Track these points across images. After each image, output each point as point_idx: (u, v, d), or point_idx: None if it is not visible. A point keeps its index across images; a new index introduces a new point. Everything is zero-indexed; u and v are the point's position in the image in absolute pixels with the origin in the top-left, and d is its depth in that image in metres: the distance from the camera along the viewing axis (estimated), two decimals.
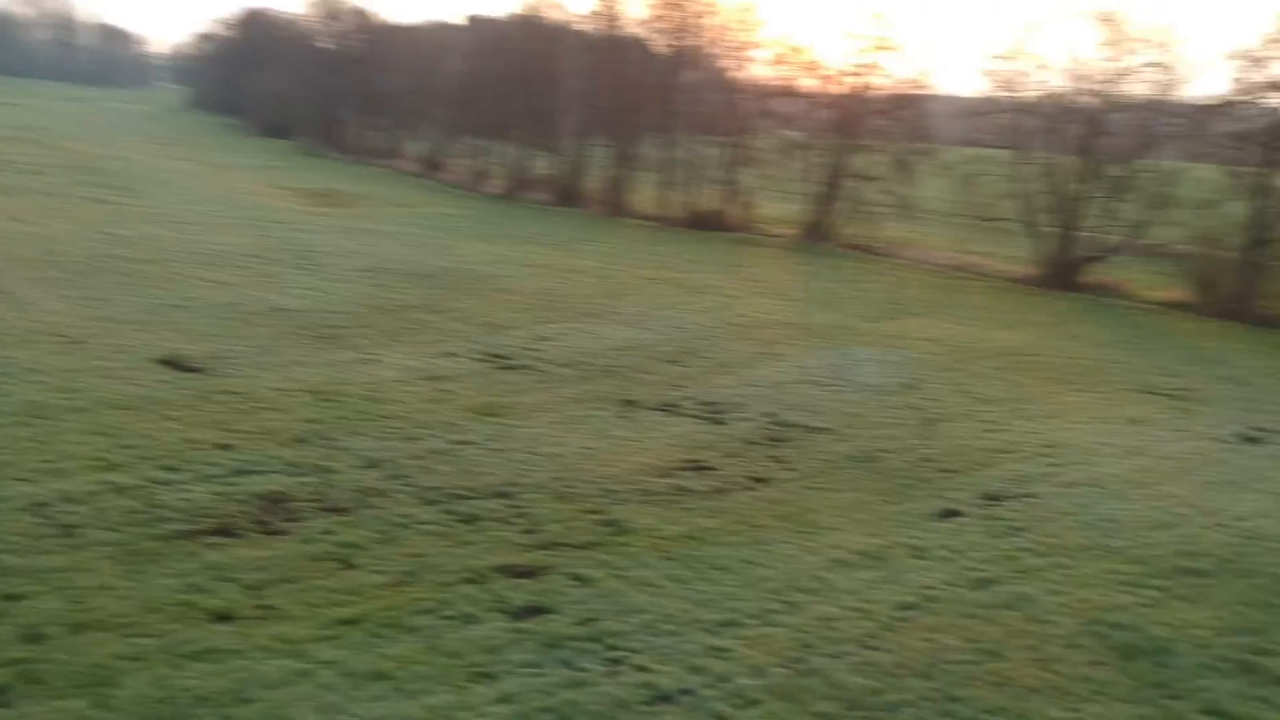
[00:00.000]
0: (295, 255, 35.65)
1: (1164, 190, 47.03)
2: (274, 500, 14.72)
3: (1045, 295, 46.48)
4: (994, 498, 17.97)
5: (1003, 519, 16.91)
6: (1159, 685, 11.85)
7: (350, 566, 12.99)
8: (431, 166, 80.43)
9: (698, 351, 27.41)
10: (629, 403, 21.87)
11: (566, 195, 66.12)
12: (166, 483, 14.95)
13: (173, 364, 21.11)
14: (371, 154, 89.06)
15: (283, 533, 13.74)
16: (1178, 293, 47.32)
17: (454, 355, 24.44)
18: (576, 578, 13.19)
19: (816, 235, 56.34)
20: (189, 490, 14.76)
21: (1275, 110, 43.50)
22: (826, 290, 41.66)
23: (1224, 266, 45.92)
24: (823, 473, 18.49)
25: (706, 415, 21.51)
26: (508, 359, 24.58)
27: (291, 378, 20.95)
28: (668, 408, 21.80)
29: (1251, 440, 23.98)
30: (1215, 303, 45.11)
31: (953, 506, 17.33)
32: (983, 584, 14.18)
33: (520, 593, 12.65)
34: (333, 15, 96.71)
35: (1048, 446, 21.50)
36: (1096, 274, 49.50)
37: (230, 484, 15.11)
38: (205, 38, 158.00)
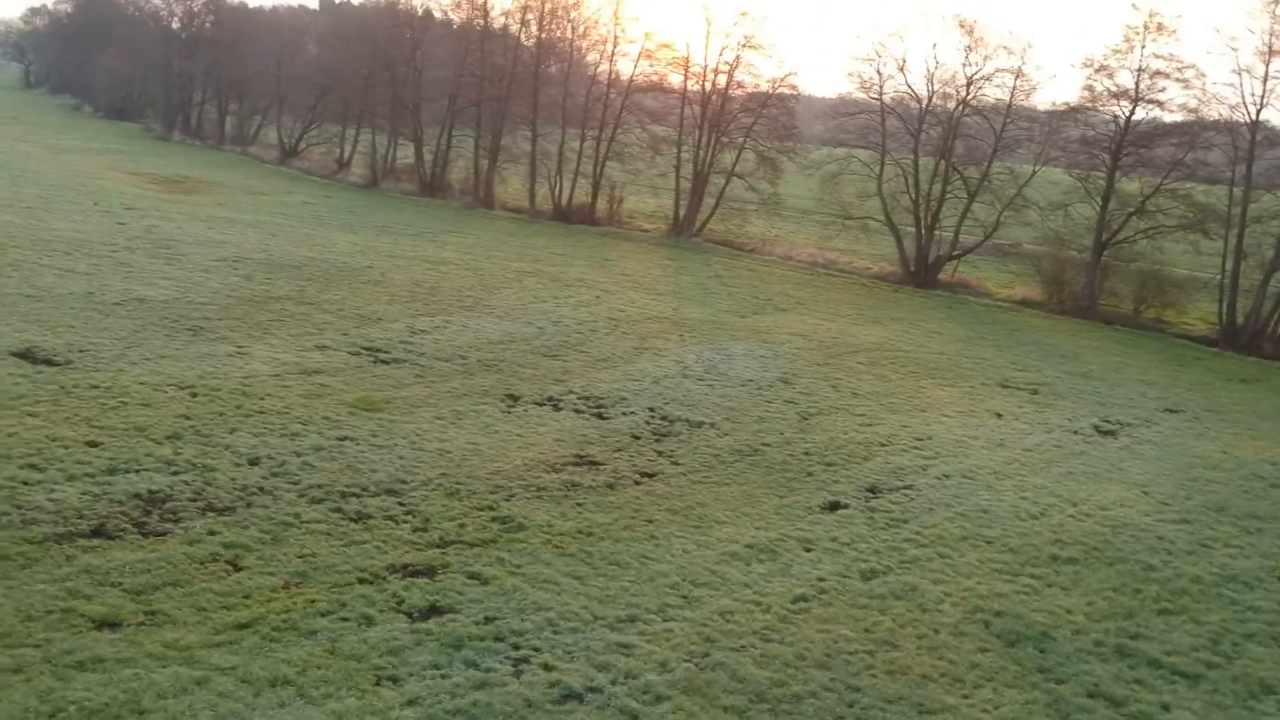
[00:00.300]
0: (153, 243, 34.21)
1: (1017, 192, 49.05)
2: (152, 500, 14.11)
3: (905, 292, 47.92)
4: (875, 490, 18.45)
5: (884, 511, 17.37)
6: (1043, 670, 12.35)
7: (239, 568, 12.54)
8: (288, 154, 78.21)
9: (576, 346, 27.35)
10: (512, 397, 21.70)
11: (431, 186, 65.15)
12: (33, 483, 14.16)
13: (29, 357, 20.02)
14: (225, 139, 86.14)
15: (164, 534, 13.18)
16: (1029, 290, 49.41)
17: (328, 348, 23.82)
18: (474, 576, 13.02)
19: (684, 230, 56.83)
20: (58, 490, 14.02)
21: (1119, 117, 45.71)
22: (696, 285, 42.10)
23: (1072, 266, 48.13)
24: (709, 467, 18.67)
25: (590, 410, 21.49)
26: (384, 352, 24.10)
27: (160, 372, 20.10)
28: (551, 402, 21.70)
29: (1105, 433, 25.18)
30: (1063, 300, 47.25)
31: (837, 499, 17.72)
32: (871, 575, 14.54)
33: (418, 592, 12.41)
34: None
35: (920, 440, 22.17)
36: (953, 272, 51.31)
37: (103, 483, 14.41)
38: (38, 12, 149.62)
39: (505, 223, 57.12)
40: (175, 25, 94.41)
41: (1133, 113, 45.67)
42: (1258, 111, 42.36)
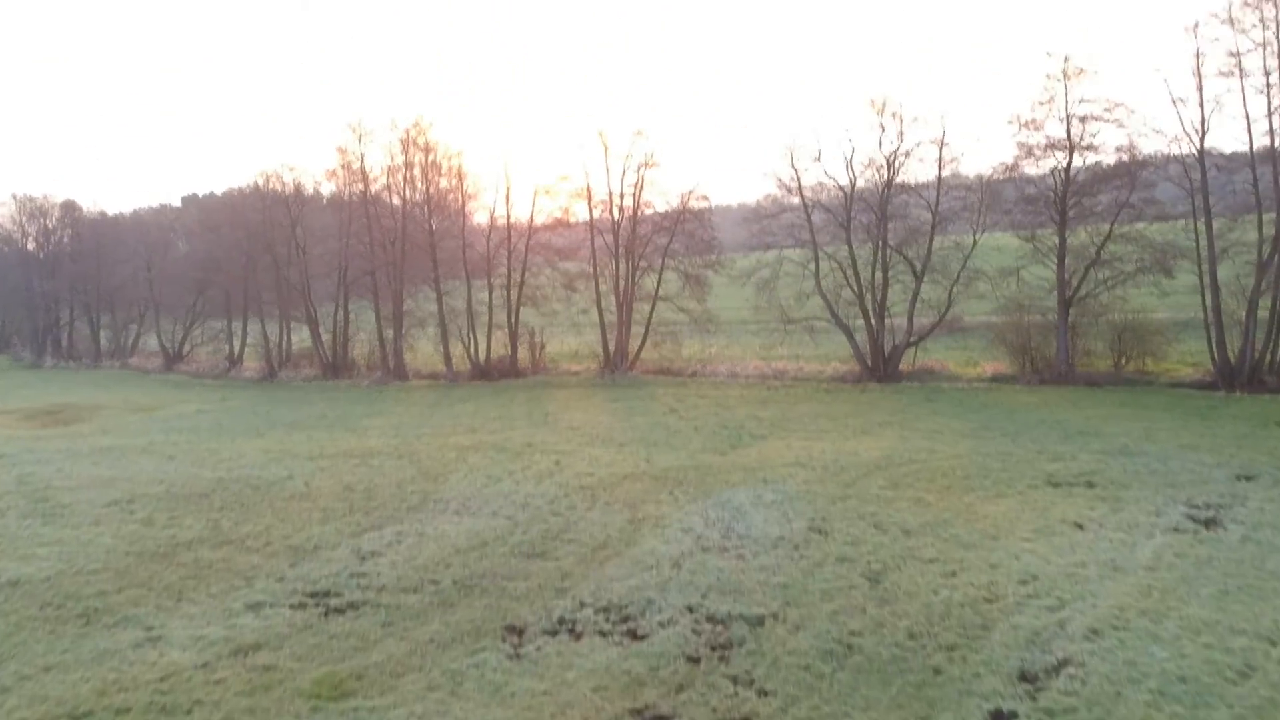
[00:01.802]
0: (27, 498, 28.61)
1: (963, 266, 46.18)
2: None
3: (873, 390, 44.22)
4: (1029, 678, 13.91)
5: (1066, 711, 12.82)
6: None
7: None
8: (173, 359, 72.64)
9: (561, 535, 22.56)
10: (514, 631, 16.76)
11: (335, 367, 60.27)
12: None
13: None
14: (101, 356, 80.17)
15: None
16: (998, 365, 46.24)
17: (262, 606, 18.60)
18: None
19: (617, 366, 52.70)
20: None
21: (1058, 169, 43.28)
22: (655, 425, 37.71)
23: (1036, 332, 45.19)
24: (809, 689, 13.94)
25: (618, 629, 16.64)
26: (334, 595, 18.98)
27: (44, 695, 14.72)
28: (565, 626, 16.81)
29: (1204, 522, 21.27)
30: (1036, 370, 44.10)
31: (995, 706, 13.13)
32: None
33: None
34: (35, 213, 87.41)
35: (1025, 583, 17.80)
36: (914, 360, 47.95)
37: None
38: None
39: (424, 392, 52.35)
40: (31, 246, 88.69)
41: (1070, 163, 43.31)
42: (1202, 138, 40.19)
